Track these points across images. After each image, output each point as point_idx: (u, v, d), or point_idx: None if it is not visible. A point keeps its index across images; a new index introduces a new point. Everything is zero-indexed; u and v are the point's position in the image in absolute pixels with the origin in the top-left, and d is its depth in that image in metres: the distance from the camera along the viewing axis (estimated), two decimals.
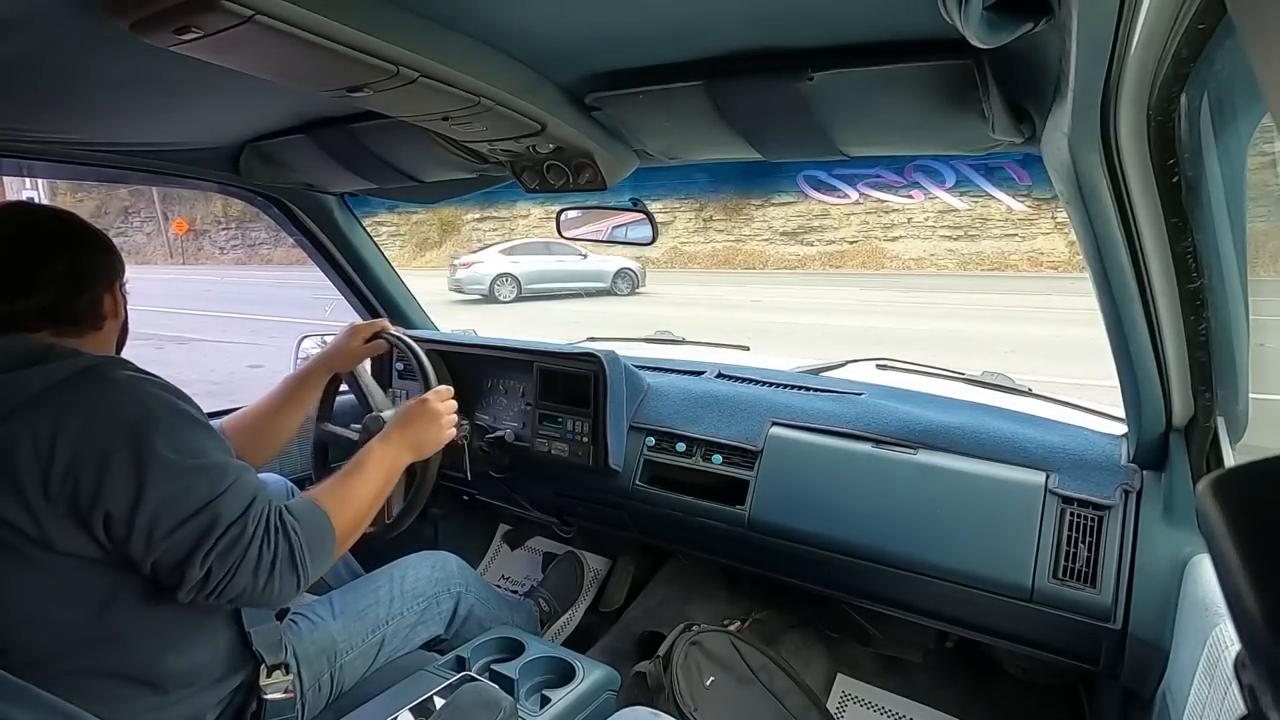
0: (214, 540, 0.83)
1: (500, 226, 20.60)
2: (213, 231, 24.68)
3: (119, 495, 0.79)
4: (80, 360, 0.84)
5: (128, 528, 0.80)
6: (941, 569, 1.22)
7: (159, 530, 0.81)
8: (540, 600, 1.80)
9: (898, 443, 1.32)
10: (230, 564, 0.84)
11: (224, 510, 0.84)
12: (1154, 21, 0.47)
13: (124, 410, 0.82)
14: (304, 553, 0.90)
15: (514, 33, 0.80)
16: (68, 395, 0.81)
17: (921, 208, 16.34)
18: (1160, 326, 0.86)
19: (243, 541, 0.85)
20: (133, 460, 0.80)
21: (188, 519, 0.82)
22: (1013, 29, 0.56)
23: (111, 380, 0.84)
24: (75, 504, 0.79)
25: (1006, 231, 15.90)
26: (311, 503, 0.97)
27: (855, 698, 1.64)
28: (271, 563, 0.87)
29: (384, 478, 1.09)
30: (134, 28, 0.63)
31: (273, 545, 0.88)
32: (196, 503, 0.83)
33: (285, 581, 0.89)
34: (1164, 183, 0.69)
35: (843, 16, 0.74)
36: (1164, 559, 1.04)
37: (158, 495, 0.81)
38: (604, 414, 1.54)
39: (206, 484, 0.84)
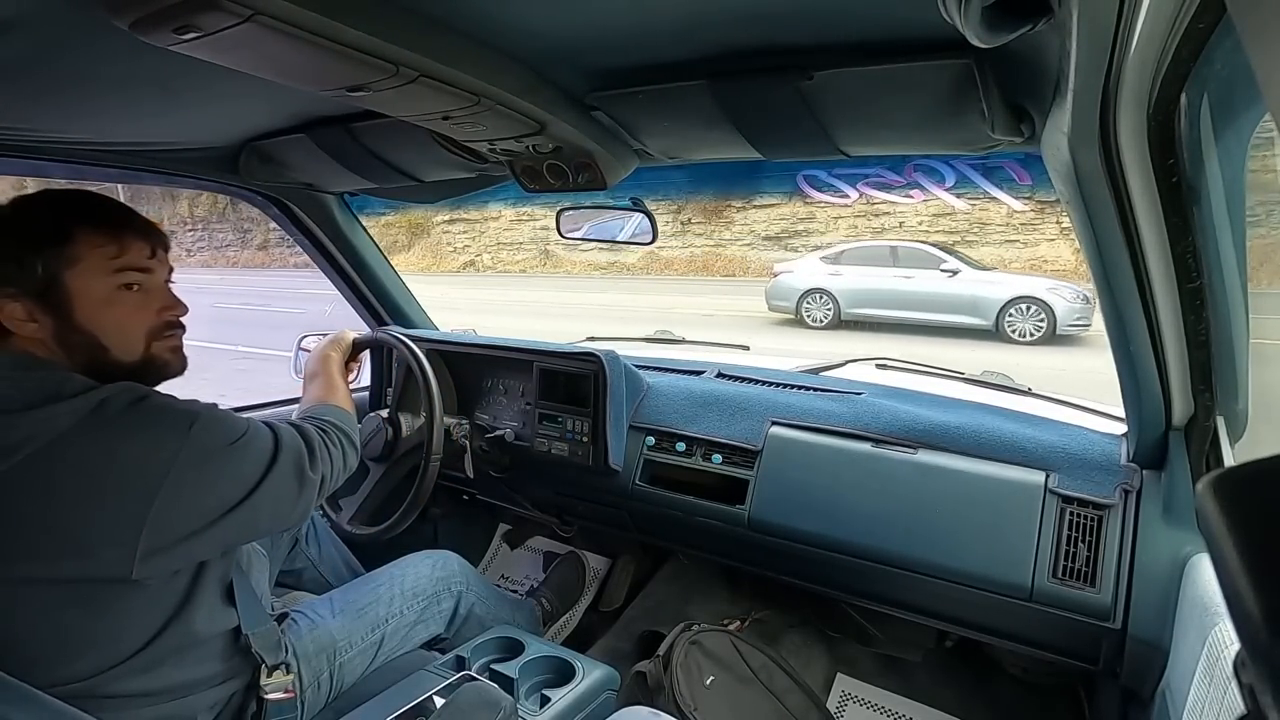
0: (308, 455, 0.99)
1: (470, 229, 20.18)
2: (179, 233, 24.36)
3: (214, 496, 0.87)
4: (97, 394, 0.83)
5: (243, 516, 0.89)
6: (941, 568, 1.22)
7: (257, 483, 0.91)
8: (543, 600, 1.80)
9: (897, 442, 1.32)
10: (326, 461, 1.03)
11: (288, 436, 0.98)
12: (1154, 21, 0.47)
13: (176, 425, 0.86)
14: (346, 428, 1.12)
15: (514, 32, 0.80)
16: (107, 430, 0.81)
17: (915, 210, 15.40)
18: (1160, 326, 0.86)
19: (319, 443, 1.03)
20: (211, 464, 0.87)
21: (275, 459, 0.94)
22: (1013, 28, 0.56)
23: (144, 401, 0.86)
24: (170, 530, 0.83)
25: (1007, 237, 14.86)
26: (316, 404, 1.18)
27: (855, 697, 1.64)
28: (341, 446, 1.08)
29: (334, 365, 1.31)
30: (134, 27, 0.63)
31: (332, 434, 1.07)
32: (271, 449, 0.95)
33: (352, 454, 1.11)
34: (1164, 182, 0.69)
35: (843, 15, 0.74)
36: (1164, 558, 1.04)
37: (244, 465, 0.91)
38: (604, 414, 1.54)
39: (264, 437, 0.95)
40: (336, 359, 1.34)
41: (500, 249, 20.15)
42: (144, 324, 0.91)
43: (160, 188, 25.55)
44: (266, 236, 23.25)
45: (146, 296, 0.92)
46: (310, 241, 1.80)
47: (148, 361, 0.92)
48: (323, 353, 1.34)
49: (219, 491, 0.87)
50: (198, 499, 0.85)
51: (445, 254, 20.44)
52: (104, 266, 0.87)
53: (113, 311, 0.88)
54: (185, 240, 24.41)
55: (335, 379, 1.27)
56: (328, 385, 1.25)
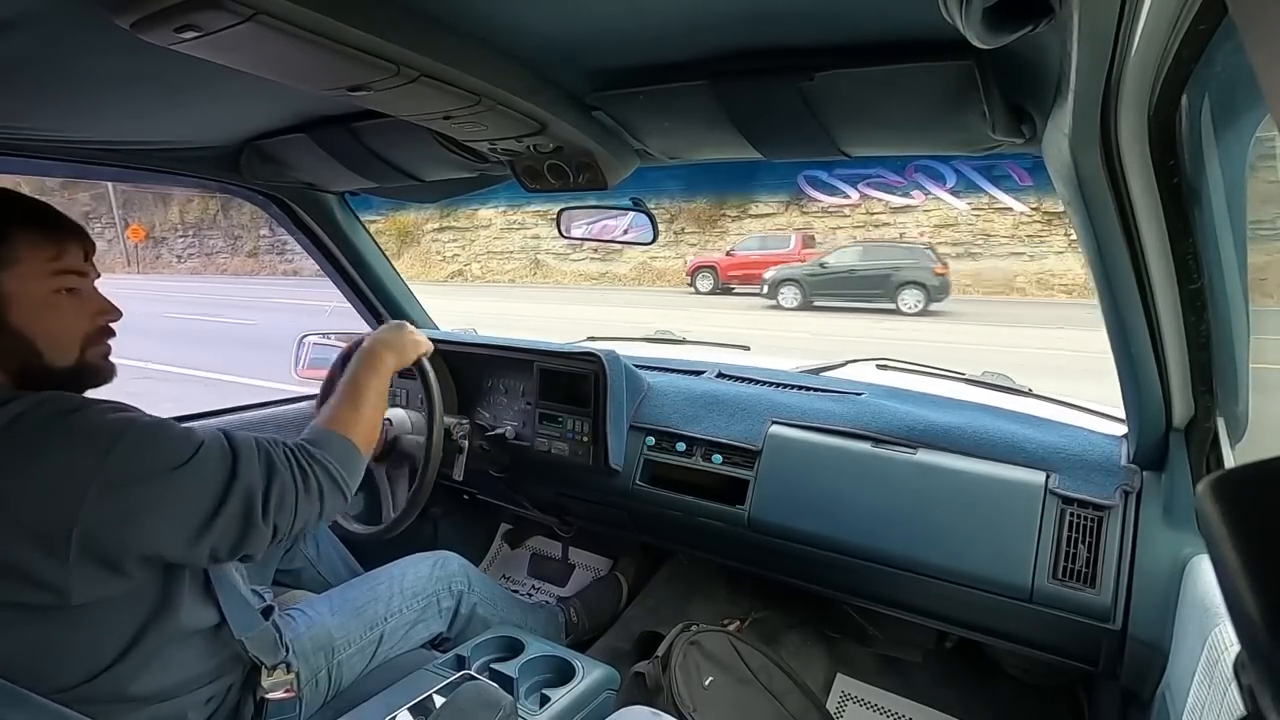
0: (261, 505, 0.86)
1: (460, 237, 19.93)
2: (170, 239, 24.14)
3: (140, 527, 0.78)
4: (15, 404, 0.77)
5: (166, 548, 0.81)
6: (941, 569, 1.22)
7: (194, 530, 0.82)
8: (572, 609, 1.75)
9: (898, 442, 1.32)
10: (289, 510, 0.89)
11: (250, 479, 0.86)
12: (1155, 22, 0.47)
13: (97, 439, 0.77)
14: (340, 472, 0.96)
15: (515, 32, 0.80)
16: (19, 450, 0.75)
17: (916, 221, 14.74)
18: (1161, 327, 0.86)
19: (288, 490, 0.89)
20: (139, 487, 0.78)
21: (222, 503, 0.83)
22: (1014, 29, 0.56)
23: (61, 416, 0.78)
24: (95, 554, 0.76)
25: (1013, 250, 14.09)
26: (327, 430, 1.01)
27: (855, 698, 1.64)
28: (319, 490, 0.93)
29: (377, 385, 1.12)
30: (135, 26, 0.63)
31: (313, 477, 0.93)
32: (219, 486, 0.84)
33: (334, 500, 0.96)
34: (1165, 184, 0.69)
35: (845, 16, 0.74)
36: (1164, 560, 1.04)
37: (178, 504, 0.81)
38: (604, 413, 1.54)
39: (216, 464, 0.85)
40: (388, 369, 1.15)
41: (490, 258, 19.75)
42: (80, 329, 0.88)
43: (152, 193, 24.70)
44: (256, 244, 23.06)
45: (82, 301, 0.88)
46: (311, 241, 1.80)
47: (81, 368, 0.88)
48: (375, 353, 1.15)
49: (146, 524, 0.79)
50: (121, 529, 0.77)
51: (434, 263, 20.14)
52: (42, 269, 0.83)
53: (49, 316, 0.84)
54: (176, 246, 24.19)
55: (368, 397, 1.08)
56: (353, 405, 1.06)
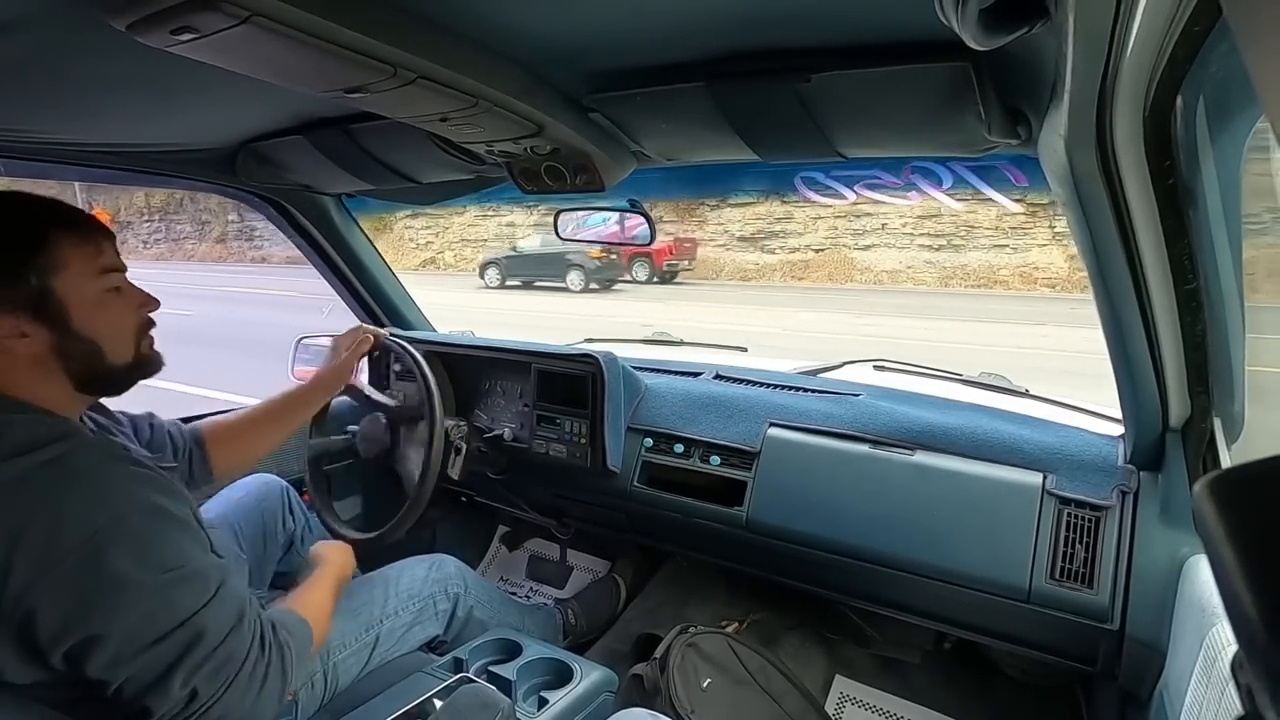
0: (200, 657, 0.77)
1: (433, 224, 19.48)
2: (136, 224, 23.58)
3: (85, 624, 0.71)
4: (44, 452, 0.74)
5: (93, 652, 0.72)
6: (939, 570, 1.22)
7: (127, 652, 0.73)
8: (570, 611, 1.75)
9: (895, 443, 1.32)
10: (221, 682, 0.78)
11: (210, 624, 0.78)
12: (1150, 24, 0.48)
13: (89, 518, 0.72)
14: (291, 668, 0.87)
15: (512, 33, 0.80)
16: (24, 502, 0.71)
17: (899, 212, 14.47)
18: (1157, 327, 0.86)
19: (237, 657, 0.80)
20: (101, 584, 0.72)
21: (168, 634, 0.75)
22: (1009, 31, 0.56)
23: (75, 477, 0.74)
24: (30, 633, 0.70)
25: (996, 242, 13.88)
26: (297, 614, 0.97)
27: (853, 699, 1.64)
28: (264, 678, 0.82)
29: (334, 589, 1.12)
30: (131, 28, 0.63)
31: (266, 660, 0.83)
32: (178, 617, 0.76)
33: (270, 698, 0.83)
34: (1160, 184, 0.69)
35: (841, 18, 0.74)
36: (1161, 560, 1.05)
37: (132, 616, 0.73)
38: (602, 415, 1.53)
39: (189, 596, 0.77)
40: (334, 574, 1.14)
41: (464, 245, 19.11)
42: (132, 324, 0.88)
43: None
44: (224, 230, 22.61)
45: (126, 296, 0.88)
46: (307, 243, 1.80)
47: (138, 361, 0.89)
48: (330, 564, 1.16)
49: (90, 622, 0.72)
50: (66, 615, 0.71)
51: (407, 250, 19.58)
52: (89, 269, 0.83)
53: (105, 315, 0.85)
54: (141, 231, 23.66)
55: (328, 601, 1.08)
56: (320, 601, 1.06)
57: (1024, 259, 13.83)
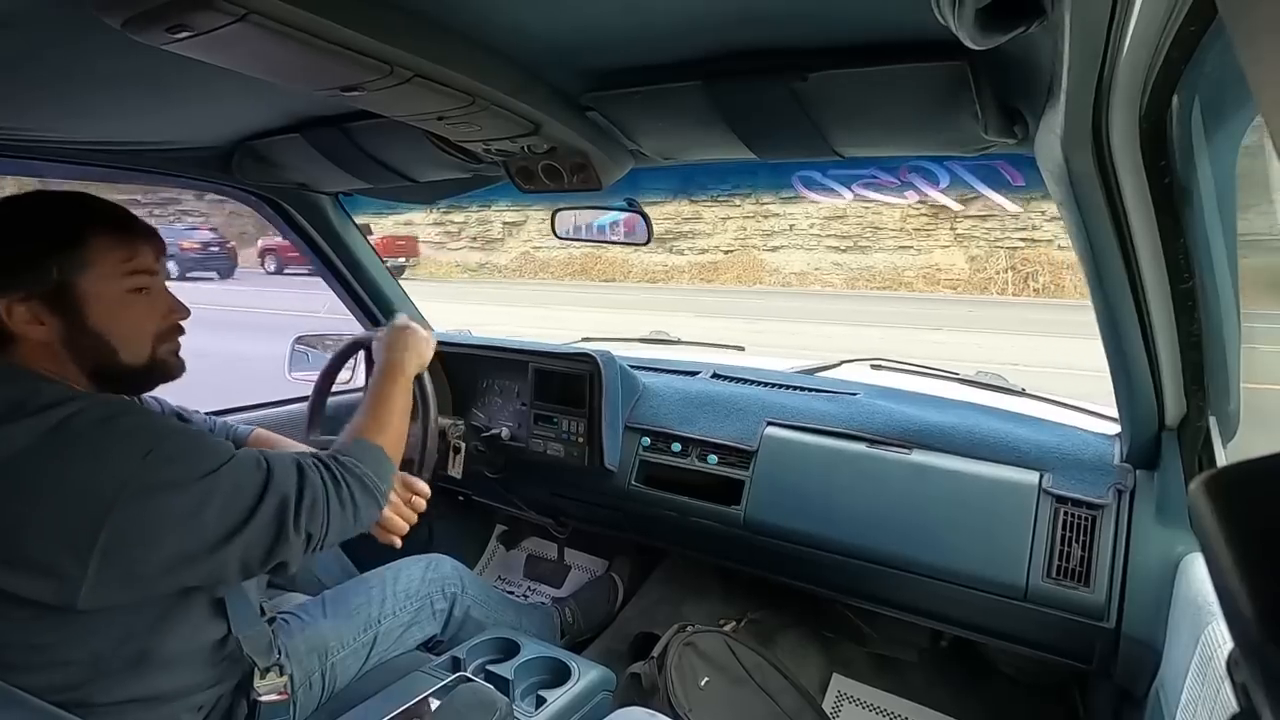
0: (294, 512, 0.86)
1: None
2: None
3: (179, 535, 0.78)
4: (64, 408, 0.78)
5: (193, 554, 0.80)
6: (936, 568, 1.22)
7: (226, 536, 0.81)
8: (567, 610, 1.75)
9: (892, 442, 1.32)
10: (320, 518, 0.89)
11: (283, 485, 0.87)
12: (1145, 23, 0.48)
13: (136, 446, 0.79)
14: (374, 480, 0.97)
15: (509, 32, 0.80)
16: (65, 448, 0.76)
17: (806, 212, 14.51)
18: (1152, 326, 0.86)
19: (320, 497, 0.89)
20: (174, 493, 0.79)
21: (253, 510, 0.83)
22: (1006, 30, 0.56)
23: (108, 420, 0.80)
24: (124, 564, 0.77)
25: (901, 243, 14.07)
26: (357, 439, 1.02)
27: (850, 697, 1.65)
28: (352, 498, 0.93)
29: (403, 392, 1.13)
30: (125, 26, 0.63)
31: (345, 485, 0.93)
32: (252, 494, 0.84)
33: (368, 508, 0.96)
34: (1156, 184, 0.69)
35: (838, 17, 0.74)
36: (1157, 558, 1.05)
37: (213, 512, 0.81)
38: (599, 414, 1.53)
39: (250, 472, 0.86)
40: (409, 377, 1.16)
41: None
42: (152, 328, 0.90)
43: None
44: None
45: (153, 300, 0.90)
46: (304, 241, 1.79)
47: (152, 365, 0.91)
48: (396, 362, 1.15)
49: (174, 533, 0.79)
50: (148, 537, 0.78)
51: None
52: (116, 270, 0.86)
53: (124, 315, 0.87)
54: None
55: (393, 407, 1.09)
56: (380, 416, 1.07)
57: (928, 260, 13.98)
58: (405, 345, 1.20)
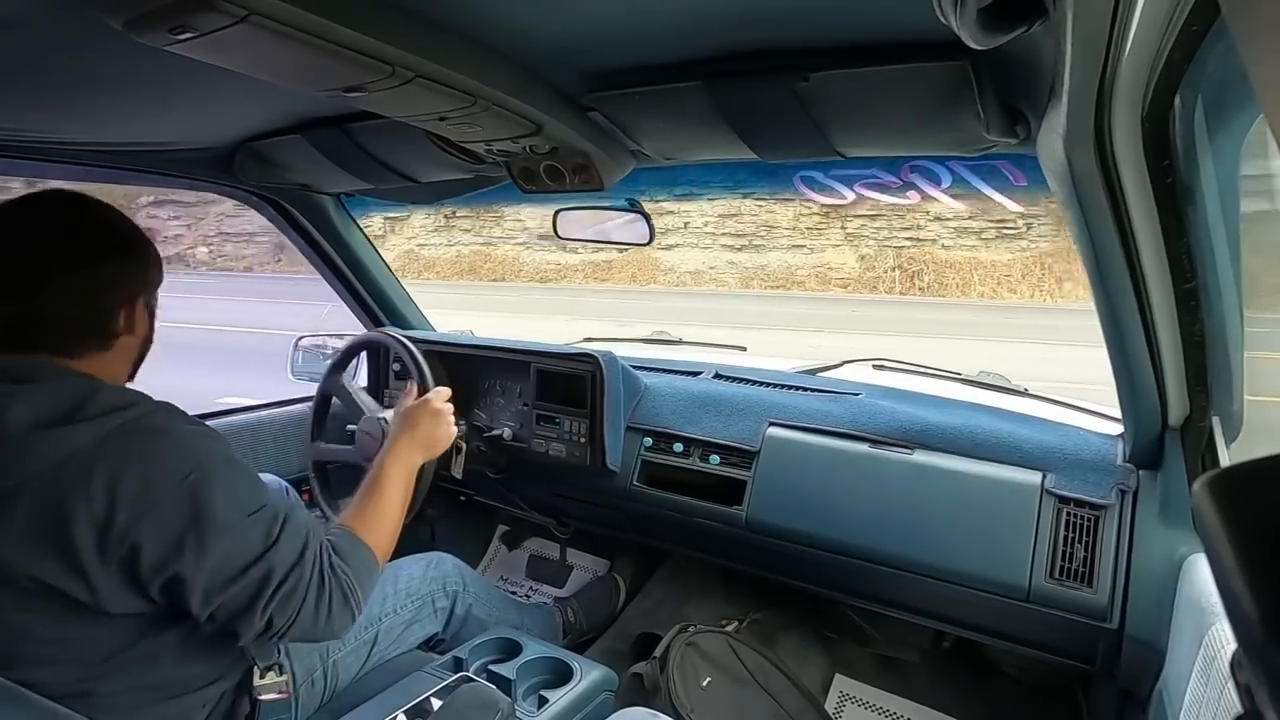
0: (272, 590, 0.84)
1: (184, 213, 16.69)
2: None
3: (180, 559, 0.78)
4: (126, 414, 0.80)
5: (187, 588, 0.80)
6: (938, 569, 1.22)
7: (216, 584, 0.81)
8: (569, 610, 1.76)
9: (894, 443, 1.32)
10: (290, 611, 0.86)
11: (279, 560, 0.85)
12: (1148, 23, 0.48)
13: (179, 468, 0.80)
14: (355, 588, 0.93)
15: (510, 32, 0.80)
16: (119, 454, 0.78)
17: (701, 210, 14.21)
18: (1155, 326, 0.86)
19: (300, 588, 0.86)
20: (194, 523, 0.79)
21: (245, 570, 0.82)
22: (1008, 30, 0.56)
23: (162, 432, 0.82)
24: (133, 569, 0.77)
25: (794, 242, 13.92)
26: (351, 534, 0.98)
27: (853, 697, 1.64)
28: (329, 605, 0.89)
29: (404, 486, 1.11)
30: (128, 26, 0.63)
31: (327, 589, 0.89)
32: (252, 554, 0.83)
33: (341, 619, 0.91)
34: (1159, 183, 0.69)
35: (839, 17, 0.74)
36: (1160, 558, 1.05)
37: (218, 553, 0.80)
38: (601, 414, 1.53)
39: (261, 534, 0.85)
40: (415, 466, 1.15)
41: (224, 240, 17.04)
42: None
43: None
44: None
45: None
46: (306, 242, 1.80)
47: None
48: (407, 445, 1.15)
49: (180, 558, 0.79)
50: (165, 552, 0.78)
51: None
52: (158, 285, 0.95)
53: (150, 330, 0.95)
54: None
55: (394, 496, 1.07)
56: (380, 507, 1.04)
57: (820, 259, 13.86)
58: (425, 429, 1.20)
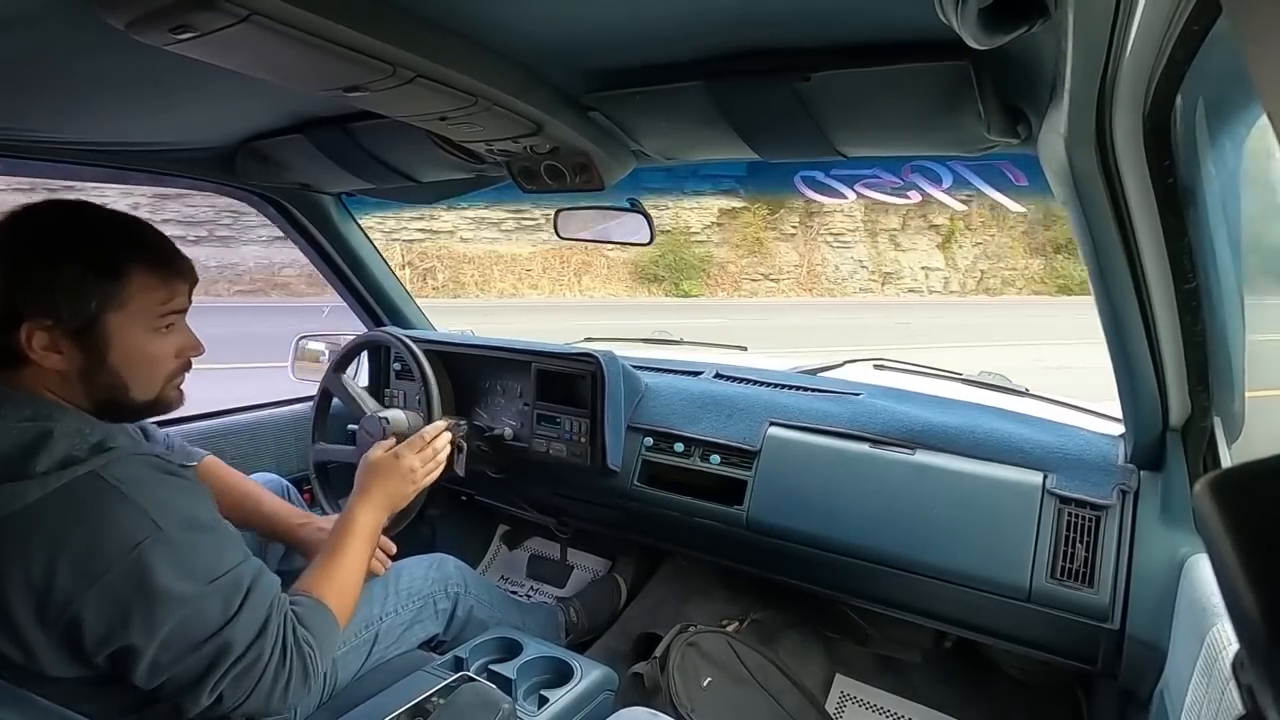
0: (226, 667, 0.79)
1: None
2: None
3: (127, 633, 0.74)
4: (81, 467, 0.74)
5: (135, 660, 0.75)
6: (939, 569, 1.22)
7: (166, 659, 0.77)
8: (571, 609, 1.75)
9: (895, 443, 1.32)
10: (245, 688, 0.82)
11: (237, 636, 0.80)
12: (1149, 22, 0.48)
13: (130, 534, 0.74)
14: (316, 660, 0.88)
15: (511, 32, 0.80)
16: (64, 516, 0.73)
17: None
18: (1157, 326, 0.86)
19: (258, 666, 0.82)
20: (142, 597, 0.74)
21: (199, 644, 0.78)
22: (1009, 30, 0.56)
23: (115, 491, 0.75)
24: (76, 640, 0.73)
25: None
26: (315, 602, 0.94)
27: (853, 697, 1.64)
28: (287, 681, 0.85)
29: (367, 544, 1.07)
30: (129, 27, 0.63)
31: (288, 664, 0.84)
32: (207, 629, 0.78)
33: (298, 693, 0.87)
34: (1160, 184, 0.69)
35: (840, 17, 0.74)
36: (1161, 559, 1.05)
37: (169, 627, 0.76)
38: (602, 414, 1.53)
39: (220, 605, 0.80)
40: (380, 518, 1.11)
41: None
42: (167, 366, 0.88)
43: None
44: None
45: (174, 337, 0.87)
46: (307, 242, 1.80)
47: (157, 400, 0.88)
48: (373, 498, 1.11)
49: (125, 629, 0.74)
50: (109, 625, 0.74)
51: None
52: (151, 311, 0.83)
53: (145, 354, 0.84)
54: None
55: (360, 554, 1.03)
56: (344, 564, 1.01)
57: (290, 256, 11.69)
58: (392, 486, 1.15)
